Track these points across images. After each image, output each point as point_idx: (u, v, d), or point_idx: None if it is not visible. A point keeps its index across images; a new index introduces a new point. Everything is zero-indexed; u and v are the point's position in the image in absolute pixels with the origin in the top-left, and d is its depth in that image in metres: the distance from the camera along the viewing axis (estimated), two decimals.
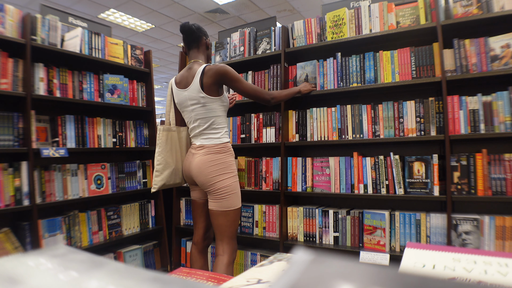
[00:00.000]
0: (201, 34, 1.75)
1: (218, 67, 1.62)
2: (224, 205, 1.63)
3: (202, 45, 1.76)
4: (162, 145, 1.76)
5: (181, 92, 1.70)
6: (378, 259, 1.81)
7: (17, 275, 0.20)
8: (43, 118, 2.10)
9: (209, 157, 1.64)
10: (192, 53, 1.76)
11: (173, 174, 1.79)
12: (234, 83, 1.66)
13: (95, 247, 2.21)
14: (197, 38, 1.74)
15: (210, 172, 1.62)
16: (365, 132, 2.00)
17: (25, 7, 4.76)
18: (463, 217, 1.70)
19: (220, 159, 1.65)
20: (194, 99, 1.65)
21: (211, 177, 1.62)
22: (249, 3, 5.05)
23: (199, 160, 1.65)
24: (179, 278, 0.19)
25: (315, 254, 0.17)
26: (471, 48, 1.75)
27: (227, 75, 1.63)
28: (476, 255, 0.41)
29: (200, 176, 1.64)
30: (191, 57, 1.76)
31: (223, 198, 1.62)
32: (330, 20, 2.12)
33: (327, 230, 2.07)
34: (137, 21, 5.66)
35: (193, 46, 1.75)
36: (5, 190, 1.81)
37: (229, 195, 1.63)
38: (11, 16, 1.88)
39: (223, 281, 0.54)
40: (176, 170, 1.80)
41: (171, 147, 1.80)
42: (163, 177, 1.76)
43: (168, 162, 1.77)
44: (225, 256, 1.64)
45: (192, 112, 1.69)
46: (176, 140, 1.82)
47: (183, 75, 1.73)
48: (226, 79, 1.64)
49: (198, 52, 1.76)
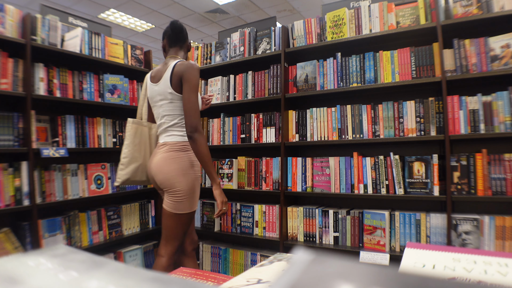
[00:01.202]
0: (186, 36, 1.76)
1: (186, 63, 1.56)
2: (178, 207, 1.56)
3: (185, 46, 1.76)
4: (130, 138, 1.71)
5: (153, 87, 1.66)
6: (378, 259, 1.81)
7: (17, 275, 0.20)
8: (43, 118, 2.10)
9: (170, 155, 1.57)
10: (173, 50, 1.72)
11: (139, 170, 1.73)
12: (186, 84, 1.54)
13: (95, 247, 2.21)
14: (183, 38, 1.73)
15: (170, 170, 1.55)
16: (365, 132, 2.00)
17: (25, 7, 4.76)
18: (463, 217, 1.70)
19: (181, 158, 1.57)
20: (162, 94, 1.60)
21: (170, 176, 1.54)
22: (249, 3, 5.05)
23: (160, 158, 1.58)
24: (179, 278, 0.19)
25: (315, 254, 0.17)
26: (471, 48, 1.75)
27: (187, 73, 1.54)
28: (476, 255, 0.41)
29: (159, 175, 1.57)
30: (171, 53, 1.72)
31: (179, 200, 1.55)
32: (330, 20, 2.12)
33: (327, 230, 2.07)
34: (137, 21, 5.66)
35: (177, 44, 1.72)
36: (5, 190, 1.81)
37: (186, 198, 1.56)
38: (11, 16, 1.88)
39: (223, 281, 0.54)
40: (143, 167, 1.74)
41: (140, 141, 1.74)
42: (128, 171, 1.69)
43: (135, 156, 1.72)
44: (165, 257, 1.59)
45: (160, 108, 1.63)
46: (147, 136, 1.77)
47: (158, 70, 1.68)
48: (185, 76, 1.54)
49: (179, 50, 1.73)
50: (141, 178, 1.75)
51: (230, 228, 2.43)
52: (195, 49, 2.71)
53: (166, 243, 1.61)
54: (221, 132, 2.50)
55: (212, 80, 2.59)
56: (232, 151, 2.67)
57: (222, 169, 2.47)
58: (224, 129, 2.49)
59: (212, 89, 2.58)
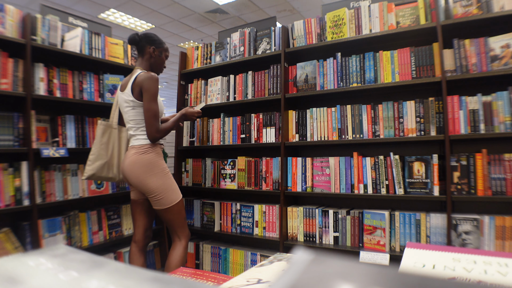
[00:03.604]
0: (145, 44, 1.84)
1: (145, 75, 1.70)
2: (163, 203, 1.72)
3: (146, 53, 1.85)
4: (98, 138, 1.92)
5: (121, 95, 1.81)
6: (378, 259, 1.81)
7: (17, 275, 0.20)
8: (43, 118, 2.10)
9: (136, 158, 1.72)
10: (138, 61, 1.87)
11: (105, 167, 1.91)
12: (145, 94, 1.69)
13: (95, 247, 2.21)
14: (141, 48, 1.85)
15: (140, 173, 1.70)
16: (365, 132, 2.00)
17: (25, 7, 4.76)
18: (463, 217, 1.70)
19: (146, 160, 1.72)
20: (127, 102, 1.76)
21: (141, 179, 1.70)
22: (249, 3, 5.05)
23: (129, 162, 1.74)
24: (179, 278, 0.19)
25: (315, 254, 0.17)
26: (471, 48, 1.75)
27: (146, 83, 1.69)
28: (476, 255, 0.41)
29: (131, 178, 1.73)
30: (137, 64, 1.88)
31: (159, 198, 1.71)
32: (330, 20, 2.12)
33: (327, 230, 2.07)
34: (137, 21, 5.66)
35: (139, 55, 1.87)
36: (5, 190, 1.81)
37: (164, 193, 1.71)
38: (11, 16, 1.88)
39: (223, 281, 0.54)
40: (109, 164, 1.92)
41: (108, 141, 1.94)
42: (94, 167, 1.88)
43: (101, 154, 1.90)
44: (182, 240, 1.80)
45: (126, 114, 1.79)
46: (116, 137, 1.96)
47: (126, 79, 1.84)
48: (144, 87, 1.69)
49: (142, 60, 1.86)
50: (107, 175, 1.93)
51: (230, 228, 2.43)
52: (195, 49, 2.71)
53: (175, 232, 1.80)
54: (221, 132, 2.50)
55: (212, 80, 2.59)
56: (232, 151, 2.67)
57: (225, 170, 2.46)
58: (224, 129, 2.49)
59: (212, 89, 2.58)
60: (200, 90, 2.67)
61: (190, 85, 2.74)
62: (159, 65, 1.91)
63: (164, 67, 1.95)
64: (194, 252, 2.56)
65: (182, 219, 1.81)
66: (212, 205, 2.48)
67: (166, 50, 1.92)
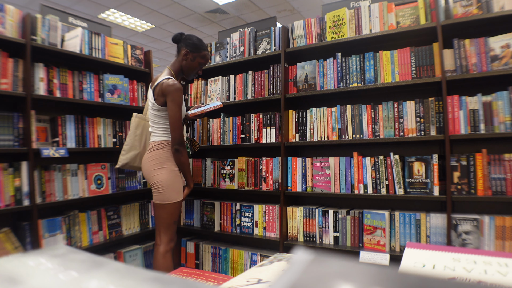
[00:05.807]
0: (183, 45, 1.87)
1: (168, 84, 1.73)
2: (161, 198, 1.76)
3: (180, 55, 1.89)
4: (132, 129, 2.04)
5: (150, 91, 1.89)
6: (378, 259, 1.81)
7: (17, 275, 0.20)
8: (43, 118, 2.10)
9: (150, 153, 1.81)
10: (174, 60, 1.92)
11: (137, 158, 2.04)
12: (170, 103, 1.74)
13: (95, 247, 2.21)
14: (178, 48, 1.90)
15: (150, 166, 1.79)
16: (365, 132, 2.00)
17: (25, 7, 4.75)
18: (463, 217, 1.70)
19: (157, 154, 1.79)
20: (150, 101, 1.84)
21: (150, 171, 1.78)
22: (249, 3, 5.05)
23: (145, 157, 1.85)
24: (179, 278, 0.19)
25: (315, 254, 0.17)
26: (471, 48, 1.75)
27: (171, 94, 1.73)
28: (476, 255, 0.41)
29: (144, 171, 1.84)
30: (171, 63, 1.92)
31: (159, 191, 1.76)
32: (330, 20, 2.12)
33: (327, 230, 2.07)
34: (137, 21, 5.66)
35: (177, 54, 1.92)
36: (5, 190, 1.81)
37: (165, 189, 1.75)
38: (11, 16, 1.88)
39: (223, 281, 0.54)
40: (141, 155, 2.02)
41: (142, 133, 2.06)
42: (128, 157, 2.02)
43: (135, 145, 2.04)
44: (162, 245, 1.78)
45: (148, 111, 1.89)
46: (148, 130, 2.00)
47: (156, 76, 1.89)
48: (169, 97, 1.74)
49: (175, 60, 1.91)
50: (139, 165, 2.04)
51: (230, 228, 2.43)
52: None
53: (158, 232, 1.80)
54: (221, 132, 2.50)
55: (212, 80, 2.59)
56: (232, 151, 2.67)
57: (224, 170, 2.47)
58: (224, 129, 2.49)
59: (212, 89, 2.58)
60: (200, 90, 2.67)
61: (190, 85, 2.74)
62: (190, 70, 1.90)
63: (197, 73, 1.95)
64: (194, 252, 2.56)
65: (172, 221, 1.79)
66: (212, 205, 2.48)
67: (202, 57, 1.89)
